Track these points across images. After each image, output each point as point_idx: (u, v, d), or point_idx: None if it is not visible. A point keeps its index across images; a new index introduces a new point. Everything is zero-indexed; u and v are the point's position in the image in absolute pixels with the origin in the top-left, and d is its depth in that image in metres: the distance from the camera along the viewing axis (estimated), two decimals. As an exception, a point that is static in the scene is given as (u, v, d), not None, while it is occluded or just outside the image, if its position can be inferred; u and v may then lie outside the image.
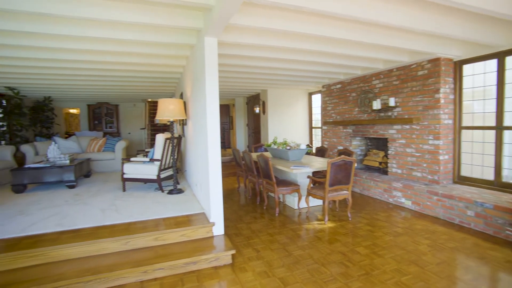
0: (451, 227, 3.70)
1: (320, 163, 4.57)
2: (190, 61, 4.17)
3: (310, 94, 8.78)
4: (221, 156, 3.22)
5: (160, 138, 4.68)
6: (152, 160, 4.65)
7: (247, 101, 10.50)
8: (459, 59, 4.31)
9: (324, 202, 3.93)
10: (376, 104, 5.24)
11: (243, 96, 10.70)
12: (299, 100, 8.80)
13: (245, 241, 3.37)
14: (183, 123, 5.74)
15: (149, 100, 10.39)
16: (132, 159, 4.80)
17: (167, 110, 4.18)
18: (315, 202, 4.70)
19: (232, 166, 8.12)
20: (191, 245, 2.97)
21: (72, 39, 3.47)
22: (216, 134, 3.16)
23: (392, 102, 4.95)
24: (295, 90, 8.66)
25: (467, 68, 4.31)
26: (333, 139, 6.86)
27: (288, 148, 4.91)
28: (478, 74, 4.19)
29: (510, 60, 3.78)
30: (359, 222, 3.94)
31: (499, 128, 3.90)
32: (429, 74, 4.43)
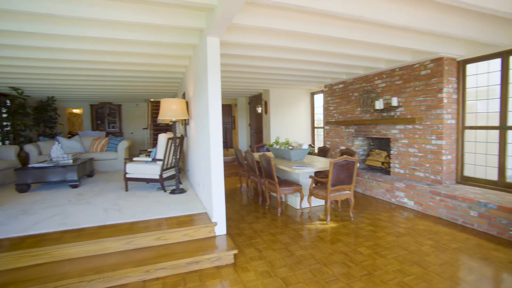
0: (454, 228, 3.68)
1: (322, 163, 4.56)
2: (193, 61, 4.18)
3: (312, 94, 8.77)
4: (223, 156, 3.22)
5: (162, 138, 4.69)
6: (154, 160, 4.66)
7: (249, 101, 10.50)
8: (462, 59, 4.29)
9: (326, 202, 3.92)
10: (379, 104, 5.22)
11: (245, 96, 10.71)
12: (301, 100, 8.79)
13: (247, 241, 3.37)
14: (186, 123, 5.75)
15: (152, 100, 10.42)
16: (134, 159, 4.81)
17: (169, 110, 4.18)
18: (317, 202, 4.69)
19: (234, 166, 8.13)
20: (193, 245, 2.98)
21: (72, 39, 3.47)
22: (218, 134, 3.16)
23: (394, 102, 4.94)
24: (297, 90, 8.65)
25: (471, 67, 4.28)
26: (335, 139, 6.85)
27: (290, 148, 4.91)
28: (481, 74, 4.17)
29: (514, 59, 3.75)
30: (361, 222, 3.93)
31: (503, 128, 3.88)
32: (432, 73, 4.41)
